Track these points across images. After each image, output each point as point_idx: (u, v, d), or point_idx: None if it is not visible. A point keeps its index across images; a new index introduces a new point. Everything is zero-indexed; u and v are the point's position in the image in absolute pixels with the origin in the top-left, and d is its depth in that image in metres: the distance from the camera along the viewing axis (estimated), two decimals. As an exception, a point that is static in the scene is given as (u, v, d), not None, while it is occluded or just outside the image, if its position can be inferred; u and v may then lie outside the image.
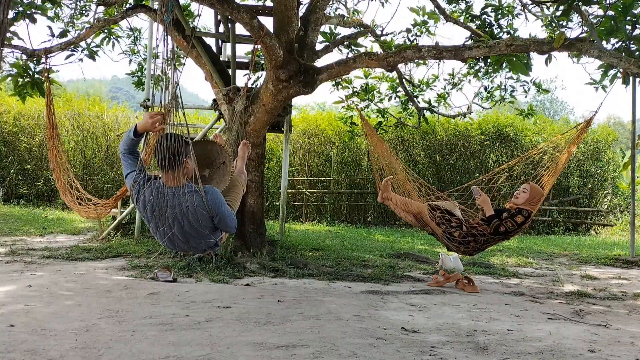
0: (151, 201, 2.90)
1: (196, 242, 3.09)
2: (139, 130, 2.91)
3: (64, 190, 5.71)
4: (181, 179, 2.91)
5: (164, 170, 2.87)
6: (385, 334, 3.40)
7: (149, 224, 3.04)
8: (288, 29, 5.69)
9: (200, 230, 3.01)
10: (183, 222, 2.95)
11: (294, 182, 12.72)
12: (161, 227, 2.97)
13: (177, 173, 2.88)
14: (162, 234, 3.00)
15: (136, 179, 2.94)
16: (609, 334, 3.64)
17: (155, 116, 2.86)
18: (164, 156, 2.81)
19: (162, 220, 2.94)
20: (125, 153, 3.01)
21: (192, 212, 2.92)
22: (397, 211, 5.07)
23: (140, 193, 2.93)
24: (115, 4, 6.19)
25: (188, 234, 3.01)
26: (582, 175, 12.79)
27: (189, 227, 2.98)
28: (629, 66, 4.59)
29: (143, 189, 2.92)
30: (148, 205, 2.92)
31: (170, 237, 3.01)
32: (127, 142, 2.98)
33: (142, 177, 2.95)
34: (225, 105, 6.50)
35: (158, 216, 2.94)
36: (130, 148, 2.99)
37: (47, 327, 3.23)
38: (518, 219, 4.72)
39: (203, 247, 3.19)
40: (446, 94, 8.70)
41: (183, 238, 3.03)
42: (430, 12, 7.62)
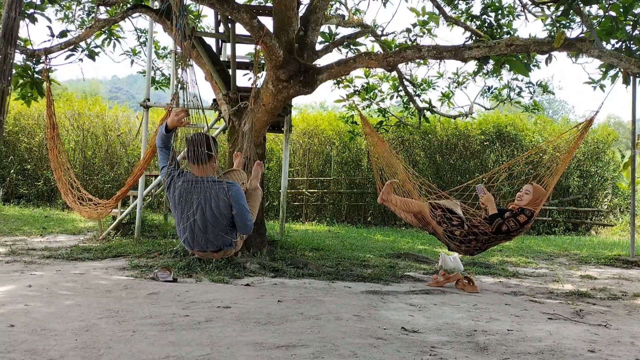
0: (180, 187, 3.27)
1: (214, 234, 3.32)
2: (169, 126, 3.28)
3: (65, 191, 5.72)
4: (209, 171, 3.30)
5: (194, 164, 3.25)
6: (385, 334, 3.40)
7: (175, 211, 3.35)
8: (288, 29, 5.69)
9: (221, 220, 3.28)
10: (205, 209, 3.25)
11: (294, 182, 12.72)
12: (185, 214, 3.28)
13: (206, 166, 3.27)
14: (185, 221, 3.30)
15: (170, 172, 3.32)
16: (609, 334, 3.64)
17: (180, 113, 3.24)
18: (194, 152, 3.21)
19: (188, 207, 3.27)
20: (162, 147, 3.36)
21: (214, 198, 3.25)
22: (397, 212, 5.07)
23: (172, 182, 3.31)
24: (115, 4, 6.19)
25: (208, 222, 3.28)
26: (582, 175, 12.78)
27: (210, 215, 3.26)
28: (629, 66, 4.59)
29: (176, 178, 3.30)
30: (177, 190, 3.28)
31: (191, 226, 3.29)
32: (161, 137, 3.34)
33: (175, 169, 3.33)
34: (225, 105, 6.50)
35: (184, 202, 3.27)
36: (164, 142, 3.34)
37: (47, 327, 3.23)
38: (521, 218, 4.71)
39: (219, 243, 3.39)
40: (450, 92, 8.68)
41: (203, 227, 3.29)
42: (430, 13, 7.62)
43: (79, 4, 7.40)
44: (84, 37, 5.92)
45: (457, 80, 8.69)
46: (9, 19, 2.92)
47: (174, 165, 3.33)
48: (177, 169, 3.34)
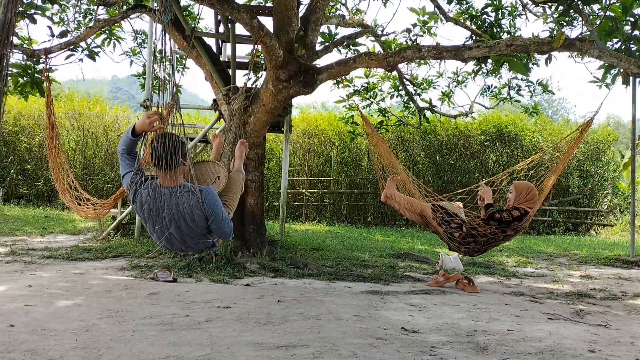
0: (148, 201, 2.91)
1: (193, 242, 3.09)
2: (137, 130, 2.91)
3: (63, 191, 5.72)
4: (178, 179, 2.92)
5: (161, 170, 2.87)
6: (385, 334, 3.40)
7: (146, 224, 3.04)
8: (288, 29, 5.69)
9: (197, 230, 3.02)
10: (180, 222, 2.96)
11: (294, 182, 12.72)
12: (158, 227, 2.97)
13: (174, 173, 2.89)
14: (159, 234, 3.01)
15: (133, 179, 2.95)
16: (609, 334, 3.64)
17: (152, 116, 2.87)
18: (160, 156, 2.81)
19: (159, 220, 2.95)
20: (123, 153, 3.01)
21: (188, 212, 2.93)
22: (400, 210, 5.07)
23: (137, 193, 2.94)
24: (115, 4, 6.19)
25: (185, 234, 3.02)
26: (582, 175, 12.78)
27: (185, 227, 2.99)
28: (629, 66, 4.59)
29: (140, 189, 2.93)
30: (145, 205, 2.93)
31: (168, 237, 3.02)
32: (125, 141, 2.98)
33: (139, 178, 2.96)
34: (225, 105, 6.50)
35: (155, 216, 2.94)
36: (128, 148, 2.99)
37: (47, 327, 3.23)
38: (514, 212, 4.73)
39: (201, 247, 3.19)
40: (450, 92, 8.67)
41: (180, 238, 3.04)
42: (430, 13, 7.61)
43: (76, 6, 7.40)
44: (84, 37, 5.92)
45: (456, 79, 8.69)
46: (5, 20, 2.91)
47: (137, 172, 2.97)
48: (141, 176, 2.97)
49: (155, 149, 2.83)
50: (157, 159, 2.83)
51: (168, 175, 2.88)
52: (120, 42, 7.71)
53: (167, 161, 2.82)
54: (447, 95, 8.65)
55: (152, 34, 8.04)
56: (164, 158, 2.81)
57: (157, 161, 2.83)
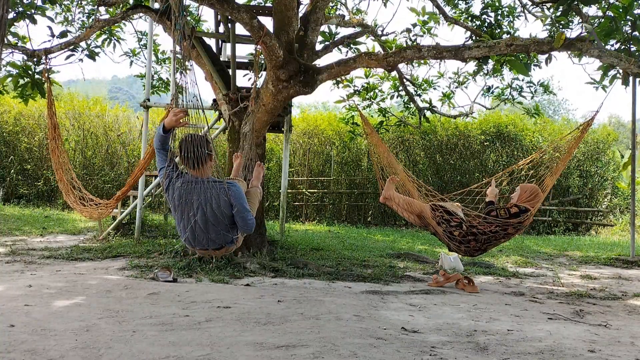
0: (179, 189, 3.24)
1: (215, 233, 3.31)
2: (166, 126, 3.21)
3: (66, 191, 5.72)
4: (206, 172, 3.27)
5: (191, 167, 3.21)
6: (385, 334, 3.40)
7: (175, 212, 3.32)
8: (288, 29, 5.69)
9: (221, 219, 3.27)
10: (206, 209, 3.23)
11: (294, 182, 12.72)
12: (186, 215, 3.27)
13: (203, 168, 3.23)
14: (186, 222, 3.28)
15: (168, 173, 3.28)
16: (609, 334, 3.64)
17: (178, 113, 3.16)
18: (189, 154, 3.16)
19: (188, 207, 3.25)
20: (159, 148, 3.30)
21: (215, 198, 3.23)
22: (399, 211, 5.07)
23: (170, 184, 3.27)
24: (115, 4, 6.19)
25: (209, 223, 3.27)
26: (582, 175, 12.78)
27: (211, 215, 3.24)
28: (629, 66, 4.59)
29: (175, 180, 3.27)
30: (176, 192, 3.25)
31: (192, 226, 3.28)
32: (158, 138, 3.28)
33: (172, 170, 3.28)
34: (225, 105, 6.50)
35: (184, 203, 3.25)
36: (162, 143, 3.28)
37: (47, 327, 3.23)
38: (512, 209, 4.74)
39: (220, 242, 3.39)
40: (451, 92, 8.67)
41: (204, 226, 3.28)
42: (430, 13, 7.61)
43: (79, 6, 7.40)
44: (84, 38, 5.92)
45: (457, 80, 8.68)
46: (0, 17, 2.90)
47: (172, 166, 3.28)
48: (175, 170, 3.29)
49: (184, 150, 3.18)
50: (187, 159, 3.17)
51: (197, 170, 3.23)
52: (120, 42, 7.72)
53: (195, 158, 3.16)
54: (447, 96, 8.64)
55: (152, 34, 8.04)
56: (193, 156, 3.15)
57: (187, 159, 3.17)
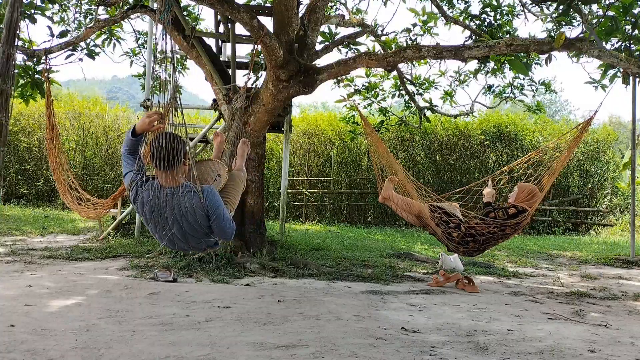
0: (150, 202, 2.87)
1: (196, 242, 3.06)
2: (137, 130, 2.87)
3: (63, 191, 5.72)
4: (179, 179, 2.88)
5: (161, 170, 2.83)
6: (385, 334, 3.40)
7: (148, 224, 3.01)
8: (288, 29, 5.68)
9: (199, 229, 2.98)
10: (182, 223, 2.92)
11: (294, 182, 12.72)
12: (160, 228, 2.94)
13: (175, 173, 2.84)
14: (161, 234, 2.98)
15: (134, 179, 2.91)
16: (609, 334, 3.64)
17: (152, 115, 2.83)
18: (160, 156, 2.77)
19: (161, 221, 2.92)
20: (126, 153, 2.97)
21: (190, 212, 2.89)
22: (398, 211, 5.06)
23: (138, 193, 2.90)
24: (115, 4, 6.19)
25: (187, 234, 2.99)
26: (582, 175, 12.78)
27: (188, 227, 2.95)
28: (629, 66, 4.59)
29: (141, 189, 2.89)
30: (147, 206, 2.89)
31: (170, 237, 2.97)
32: (127, 142, 2.94)
33: (140, 178, 2.91)
34: (225, 105, 6.50)
35: (157, 217, 2.91)
36: (130, 148, 2.94)
37: (47, 327, 3.23)
38: (510, 210, 4.74)
39: (203, 246, 3.16)
40: (452, 91, 8.66)
41: (182, 238, 3.01)
42: (430, 13, 7.61)
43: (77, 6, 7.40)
44: (84, 38, 5.92)
45: (458, 78, 8.67)
46: (11, 20, 2.93)
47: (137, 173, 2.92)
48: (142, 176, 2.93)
49: (155, 148, 2.78)
50: (158, 159, 2.78)
51: (169, 175, 2.84)
52: (120, 42, 7.71)
53: (167, 161, 2.77)
54: (448, 94, 8.63)
55: (151, 34, 8.04)
56: (165, 158, 2.76)
57: (158, 161, 2.79)
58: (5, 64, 2.93)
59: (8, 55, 2.94)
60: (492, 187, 5.06)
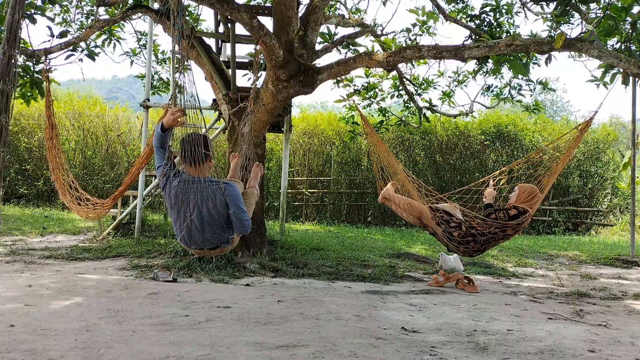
0: (176, 188, 3.25)
1: (211, 232, 3.32)
2: (165, 125, 3.24)
3: (63, 191, 5.70)
4: (204, 171, 3.28)
5: (189, 165, 3.23)
6: (385, 334, 3.40)
7: (171, 210, 3.34)
8: (288, 29, 5.68)
9: (217, 218, 3.28)
10: (202, 208, 3.24)
11: (294, 182, 12.72)
12: (182, 213, 3.28)
13: (201, 167, 3.24)
14: (182, 220, 3.29)
15: (166, 172, 3.30)
16: (609, 334, 3.64)
17: (176, 112, 3.20)
18: (188, 152, 3.18)
19: (184, 206, 3.26)
20: (157, 146, 3.32)
21: (212, 197, 3.24)
22: (398, 212, 5.06)
23: (168, 182, 3.29)
24: (115, 4, 6.19)
25: (205, 221, 3.27)
26: (582, 175, 12.78)
27: (207, 214, 3.25)
28: (629, 66, 4.59)
29: (171, 178, 3.28)
30: (173, 190, 3.27)
31: (188, 225, 3.28)
32: (157, 137, 3.30)
33: (170, 169, 3.30)
34: (225, 105, 6.50)
35: (181, 201, 3.26)
36: (160, 142, 3.30)
37: (47, 327, 3.23)
38: (511, 211, 4.73)
39: (216, 241, 3.39)
40: (451, 91, 8.65)
41: (200, 226, 3.28)
42: (429, 12, 7.61)
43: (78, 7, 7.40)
44: (84, 38, 5.91)
45: (457, 79, 8.67)
46: (12, 21, 2.92)
47: (169, 165, 3.32)
48: (173, 168, 3.33)
49: (184, 145, 3.21)
50: (186, 155, 3.20)
51: (197, 168, 3.24)
52: (120, 42, 7.71)
53: (195, 156, 3.18)
54: (447, 94, 8.63)
55: (152, 34, 8.04)
56: (192, 153, 3.17)
57: (187, 157, 3.20)
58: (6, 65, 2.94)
59: (9, 56, 2.95)
60: (492, 188, 5.06)
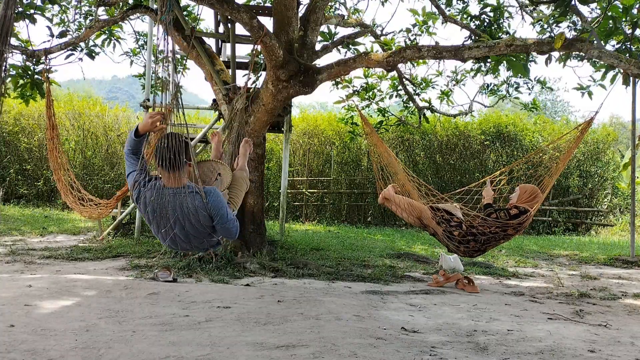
0: (152, 202, 2.87)
1: (198, 242, 3.06)
2: (140, 130, 2.89)
3: (65, 192, 5.71)
4: (182, 180, 2.88)
5: (165, 171, 2.83)
6: (385, 334, 3.40)
7: (150, 224, 3.01)
8: (288, 29, 5.69)
9: (202, 230, 2.98)
10: (184, 223, 2.92)
11: (294, 182, 12.72)
12: (163, 228, 2.94)
13: (178, 174, 2.85)
14: (164, 235, 2.98)
15: (137, 179, 2.91)
16: (609, 334, 3.64)
17: (154, 116, 2.85)
18: (165, 156, 2.77)
19: (164, 222, 2.91)
20: (128, 153, 2.98)
21: (193, 212, 2.88)
22: (398, 212, 5.06)
23: (140, 193, 2.91)
24: (115, 4, 6.19)
25: (190, 235, 2.99)
26: (582, 175, 12.78)
27: (190, 228, 2.95)
28: (629, 67, 4.59)
29: (144, 189, 2.90)
30: (149, 206, 2.90)
31: (172, 237, 2.98)
32: (129, 142, 2.95)
33: (143, 178, 2.92)
34: (225, 105, 6.50)
35: (159, 217, 2.91)
36: (133, 148, 2.95)
37: (47, 327, 3.23)
38: (512, 211, 4.73)
39: (205, 246, 3.16)
40: (449, 90, 8.65)
41: (185, 238, 3.00)
42: (429, 13, 7.61)
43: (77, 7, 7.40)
44: (84, 38, 5.92)
45: (455, 78, 8.66)
46: (5, 17, 2.89)
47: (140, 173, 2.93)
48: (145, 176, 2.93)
49: (159, 149, 2.81)
50: (162, 160, 2.79)
51: (172, 175, 2.85)
52: (120, 42, 7.71)
53: (171, 162, 2.77)
54: (445, 94, 8.62)
55: (151, 34, 8.04)
56: (169, 158, 2.77)
57: (162, 162, 2.80)
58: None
59: (0, 52, 2.91)
60: (491, 188, 5.06)
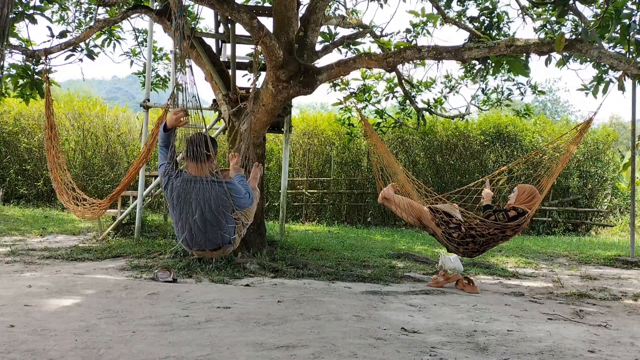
0: (178, 188, 3.36)
1: (213, 233, 3.41)
2: (168, 125, 3.38)
3: (60, 191, 5.70)
4: (205, 171, 3.37)
5: (192, 162, 3.34)
6: (385, 334, 3.40)
7: (173, 210, 3.44)
8: (288, 30, 5.69)
9: (219, 218, 3.38)
10: (204, 208, 3.34)
11: (293, 182, 12.72)
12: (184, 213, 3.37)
13: (203, 165, 3.35)
14: (184, 222, 3.39)
15: (167, 170, 3.41)
16: (609, 334, 3.64)
17: (178, 112, 3.35)
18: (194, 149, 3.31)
19: (186, 206, 3.36)
20: (162, 146, 3.45)
21: (214, 198, 3.33)
22: (398, 212, 5.07)
23: (169, 181, 3.39)
24: (115, 4, 6.19)
25: (207, 222, 3.37)
26: (582, 176, 12.79)
27: (209, 214, 3.35)
28: (629, 67, 4.59)
29: (173, 178, 3.39)
30: (175, 191, 3.37)
31: (190, 225, 3.38)
32: (160, 136, 3.43)
33: (172, 169, 3.40)
34: (225, 106, 6.50)
35: (183, 202, 3.36)
36: (164, 142, 3.42)
37: (47, 327, 3.23)
38: (510, 213, 4.73)
39: (218, 242, 3.48)
40: (443, 97, 8.68)
41: (202, 226, 3.38)
42: (429, 14, 7.61)
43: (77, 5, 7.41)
44: (84, 38, 5.92)
45: (449, 85, 8.68)
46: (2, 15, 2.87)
47: (172, 164, 3.41)
48: (175, 168, 3.42)
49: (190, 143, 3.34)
50: (191, 152, 3.31)
51: (198, 166, 3.34)
52: (120, 42, 7.71)
53: (197, 154, 3.30)
54: (439, 101, 8.65)
55: (152, 32, 8.05)
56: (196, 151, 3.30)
57: (191, 153, 3.32)
58: None
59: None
60: (490, 189, 5.06)
